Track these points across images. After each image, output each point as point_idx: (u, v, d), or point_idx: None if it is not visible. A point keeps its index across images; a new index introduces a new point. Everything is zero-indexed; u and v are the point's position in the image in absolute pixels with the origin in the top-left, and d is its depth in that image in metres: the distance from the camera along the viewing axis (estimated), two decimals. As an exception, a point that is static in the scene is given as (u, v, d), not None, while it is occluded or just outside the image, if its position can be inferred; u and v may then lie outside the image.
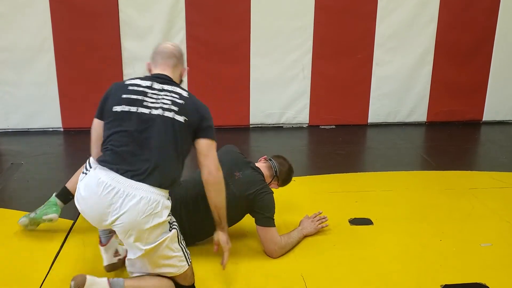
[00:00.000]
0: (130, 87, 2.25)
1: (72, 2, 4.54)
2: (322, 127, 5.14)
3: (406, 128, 5.18)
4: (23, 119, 4.80)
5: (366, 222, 3.03)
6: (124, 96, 2.22)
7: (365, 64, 5.04)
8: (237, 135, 4.88)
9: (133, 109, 2.18)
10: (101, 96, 2.29)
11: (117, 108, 2.18)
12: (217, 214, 2.32)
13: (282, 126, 5.13)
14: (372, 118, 5.22)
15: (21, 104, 4.75)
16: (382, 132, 5.07)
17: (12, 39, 4.56)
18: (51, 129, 4.86)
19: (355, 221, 3.03)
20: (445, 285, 2.38)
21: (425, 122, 5.29)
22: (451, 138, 4.91)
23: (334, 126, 5.15)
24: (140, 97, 2.21)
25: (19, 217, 2.89)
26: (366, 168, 4.18)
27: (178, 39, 4.70)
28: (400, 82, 5.13)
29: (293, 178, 3.65)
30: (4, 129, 4.81)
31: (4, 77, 4.64)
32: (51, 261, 2.54)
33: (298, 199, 3.36)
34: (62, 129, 4.88)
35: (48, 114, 4.82)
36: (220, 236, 2.35)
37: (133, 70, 4.72)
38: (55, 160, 4.20)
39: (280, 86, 4.99)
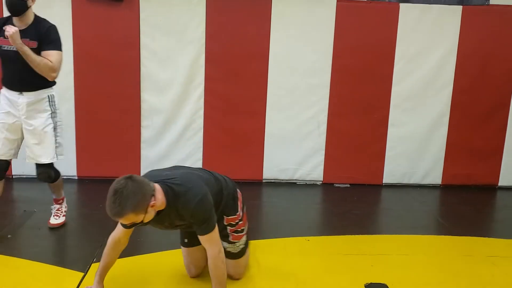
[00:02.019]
0: None
1: (95, 54, 4.67)
2: (337, 185, 5.11)
3: (421, 190, 5.12)
4: (39, 165, 4.83)
5: (383, 287, 2.95)
6: None
7: (380, 124, 5.07)
8: (249, 189, 4.84)
9: None
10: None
11: None
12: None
13: (295, 183, 5.11)
14: (387, 178, 5.19)
15: (38, 151, 4.78)
16: (397, 193, 5.02)
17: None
18: (65, 177, 4.83)
19: (371, 286, 2.95)
20: None
21: (440, 184, 5.24)
22: (466, 202, 4.84)
23: (348, 185, 5.12)
24: None
25: (28, 267, 2.86)
26: (381, 230, 4.12)
27: (197, 93, 4.79)
28: (415, 144, 5.12)
29: (307, 238, 3.65)
30: (19, 175, 4.84)
31: (24, 124, 4.70)
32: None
33: (311, 260, 3.29)
34: (76, 177, 4.90)
35: (63, 162, 4.80)
36: None
37: (151, 122, 4.78)
38: (68, 208, 4.16)
39: (295, 142, 5.01)
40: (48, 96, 3.43)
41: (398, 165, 5.16)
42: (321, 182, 5.13)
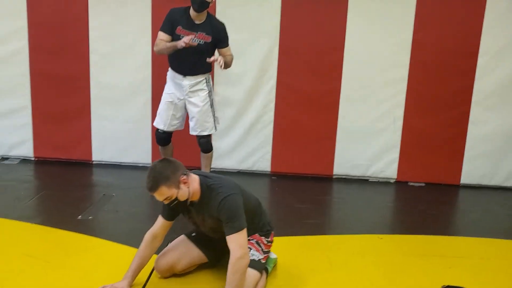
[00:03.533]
0: None
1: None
2: (411, 184, 4.95)
3: (503, 193, 4.85)
4: (117, 152, 5.06)
5: (462, 291, 2.83)
6: None
7: (460, 122, 4.84)
8: (319, 185, 4.82)
9: None
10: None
11: None
12: None
13: (367, 179, 5.00)
14: (465, 179, 4.95)
15: (116, 139, 5.01)
16: (476, 194, 4.79)
17: (114, 77, 4.88)
18: (141, 165, 5.06)
19: (449, 289, 2.84)
20: None
21: (525, 187, 4.94)
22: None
23: (423, 184, 4.94)
24: None
25: (108, 247, 3.00)
26: (458, 232, 3.94)
27: (269, 86, 4.80)
28: (498, 143, 4.85)
29: (380, 236, 3.57)
30: (99, 161, 5.09)
31: (104, 112, 4.95)
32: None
33: (384, 258, 3.22)
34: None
35: (139, 150, 5.04)
36: None
37: (223, 114, 4.86)
38: (143, 194, 4.31)
39: (368, 138, 4.90)
40: (205, 78, 4.04)
41: (478, 165, 4.91)
42: (394, 180, 4.98)
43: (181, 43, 3.69)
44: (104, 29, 4.79)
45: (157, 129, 4.15)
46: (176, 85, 4.03)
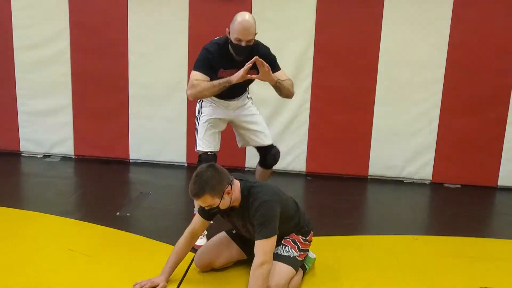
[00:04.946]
0: None
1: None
2: (446, 185, 4.86)
3: (544, 195, 4.71)
4: (153, 151, 5.15)
5: (499, 294, 2.77)
6: None
7: (497, 123, 4.73)
8: (354, 185, 4.79)
9: None
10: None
11: None
12: None
13: (402, 181, 4.93)
14: (503, 181, 4.83)
15: (152, 137, 5.11)
16: (514, 197, 4.67)
17: (152, 77, 4.97)
18: (176, 163, 5.14)
19: (486, 292, 2.79)
20: None
21: None
22: None
23: (459, 186, 4.85)
24: None
25: (144, 243, 3.05)
26: (496, 235, 3.84)
27: (304, 86, 4.80)
28: (538, 145, 4.72)
29: (415, 237, 3.52)
30: (136, 159, 5.19)
31: (142, 111, 5.05)
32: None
33: (420, 259, 3.18)
34: (186, 164, 5.14)
35: (175, 149, 5.12)
36: None
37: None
38: (179, 193, 4.41)
39: (404, 138, 4.84)
40: (246, 92, 3.55)
41: (517, 167, 4.79)
42: (429, 181, 4.91)
43: (237, 78, 3.04)
44: (142, 30, 4.89)
45: (203, 154, 3.37)
46: (217, 108, 3.42)
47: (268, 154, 3.48)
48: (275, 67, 3.28)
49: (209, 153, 3.34)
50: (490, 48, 4.59)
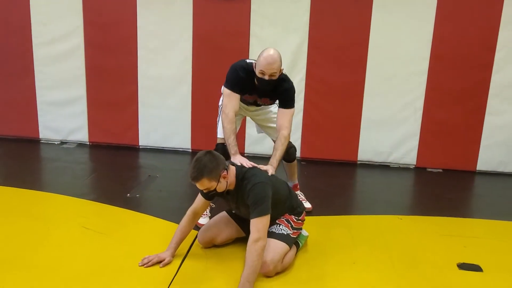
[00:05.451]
0: None
1: (211, 42, 4.81)
2: (429, 170, 4.85)
3: (519, 179, 4.70)
4: (161, 138, 5.14)
5: (476, 268, 2.77)
6: None
7: (477, 112, 4.71)
8: (344, 169, 4.78)
9: None
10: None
11: None
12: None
13: (389, 165, 4.93)
14: (481, 166, 4.83)
15: (160, 125, 5.09)
16: (491, 180, 4.66)
17: (160, 70, 4.94)
18: (181, 149, 5.13)
19: (463, 266, 2.78)
20: None
21: (539, 174, 4.77)
22: None
23: (441, 170, 4.84)
24: None
25: (152, 222, 3.04)
26: (474, 215, 3.85)
27: (299, 77, 4.76)
28: (513, 133, 4.70)
29: (400, 217, 3.52)
30: (145, 145, 5.18)
31: (151, 101, 5.03)
32: (178, 265, 2.64)
33: (404, 237, 3.18)
34: (190, 150, 5.13)
35: (181, 136, 5.11)
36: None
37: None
38: (184, 176, 4.39)
39: (390, 127, 4.82)
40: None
41: (494, 153, 4.78)
42: (414, 166, 4.90)
43: (243, 163, 2.75)
44: (150, 28, 4.85)
45: (219, 144, 3.26)
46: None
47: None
48: (287, 105, 3.03)
49: (225, 144, 3.08)
50: (472, 43, 4.55)
